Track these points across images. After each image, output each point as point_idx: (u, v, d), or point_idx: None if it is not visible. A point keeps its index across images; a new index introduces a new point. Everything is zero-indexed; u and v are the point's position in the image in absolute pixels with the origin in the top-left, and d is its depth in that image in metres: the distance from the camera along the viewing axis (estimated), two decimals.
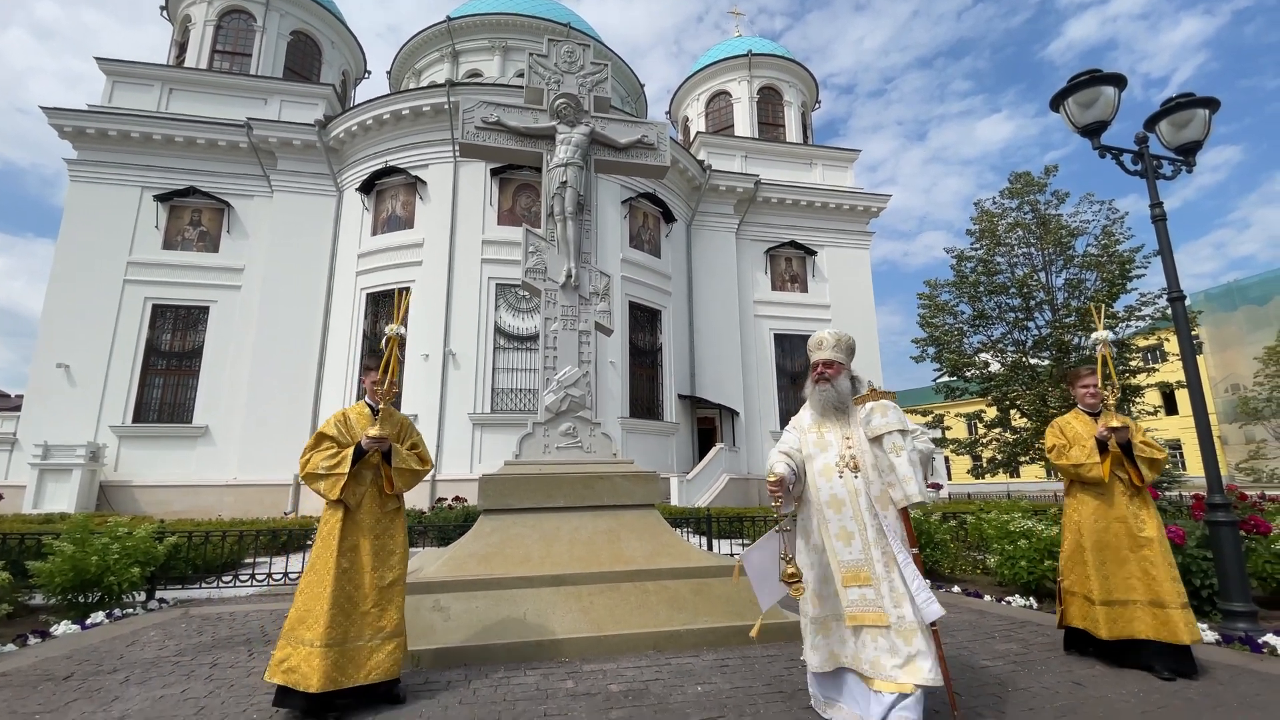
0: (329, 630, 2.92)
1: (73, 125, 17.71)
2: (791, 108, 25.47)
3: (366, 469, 3.25)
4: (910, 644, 2.58)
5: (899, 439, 2.77)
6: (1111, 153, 5.29)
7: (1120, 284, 15.64)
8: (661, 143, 6.07)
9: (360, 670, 2.97)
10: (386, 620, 3.11)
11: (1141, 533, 3.62)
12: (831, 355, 3.10)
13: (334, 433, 3.28)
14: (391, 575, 3.20)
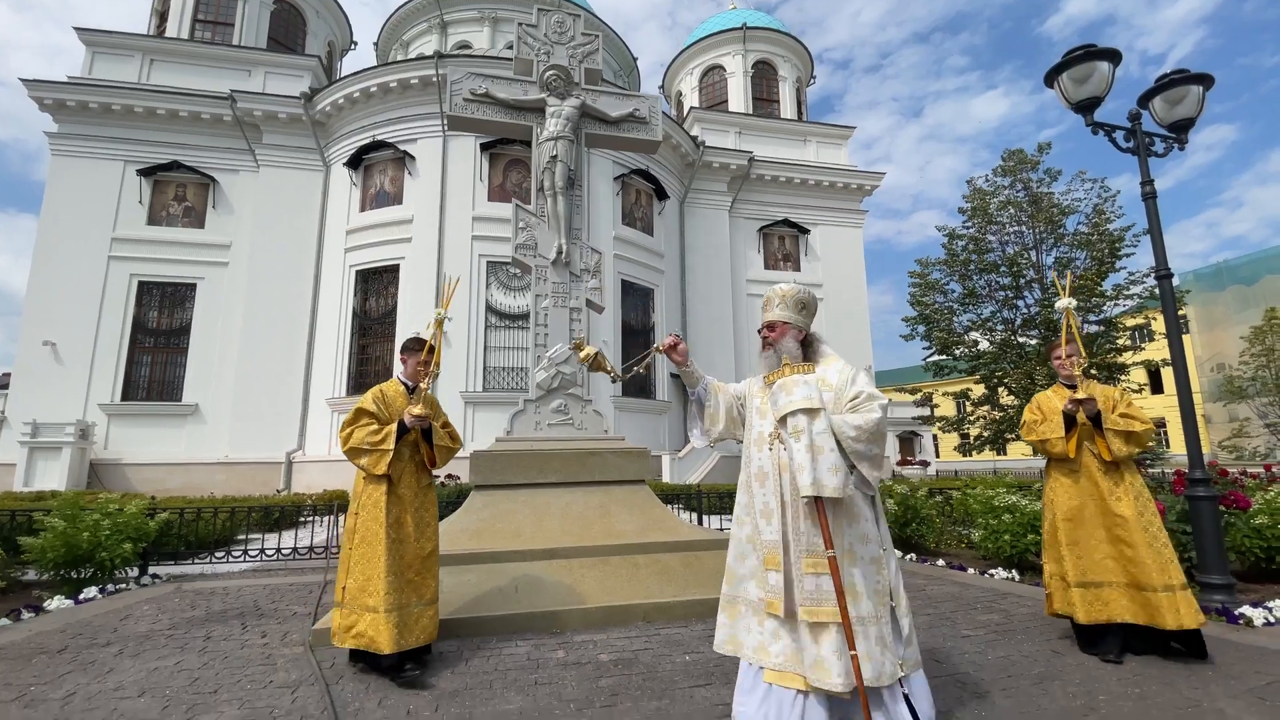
0: (388, 597, 3.11)
1: (53, 98, 17.26)
2: (786, 83, 25.17)
3: (405, 446, 3.39)
4: (817, 643, 2.25)
5: (801, 420, 2.35)
6: (1104, 129, 5.27)
7: (1109, 263, 15.71)
8: (653, 116, 6.00)
9: (413, 634, 3.17)
10: (426, 588, 3.31)
11: (1115, 510, 3.41)
12: (776, 315, 2.73)
13: (374, 409, 3.40)
14: (429, 546, 3.38)
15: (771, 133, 23.47)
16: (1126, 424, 3.46)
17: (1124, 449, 3.44)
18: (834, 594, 2.26)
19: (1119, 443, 3.45)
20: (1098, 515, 3.50)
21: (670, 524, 4.89)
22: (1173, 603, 3.22)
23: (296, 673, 3.25)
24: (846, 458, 2.36)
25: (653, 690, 2.97)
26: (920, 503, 7.41)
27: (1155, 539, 3.35)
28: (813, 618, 2.27)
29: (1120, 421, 3.47)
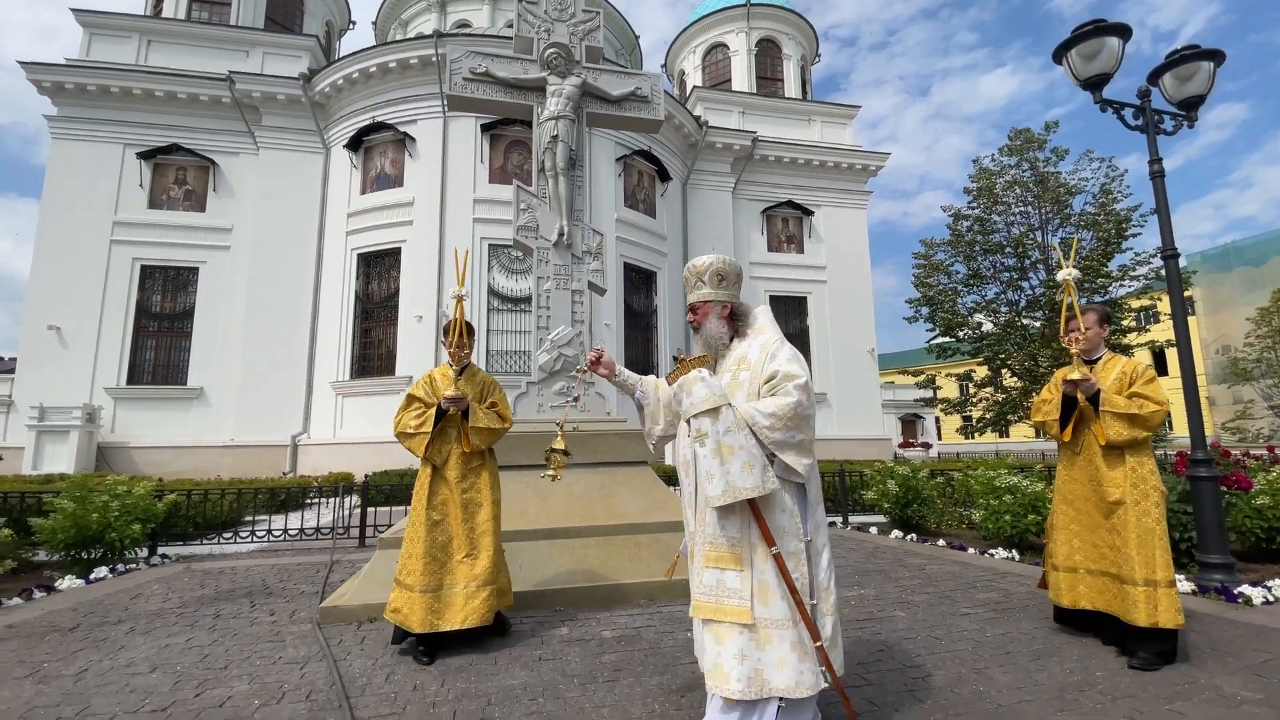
0: (423, 578, 3.20)
1: (51, 80, 17.12)
2: (790, 61, 24.81)
3: (451, 427, 3.41)
4: (720, 644, 2.07)
5: (704, 423, 2.10)
6: (1113, 107, 5.20)
7: (1115, 244, 15.59)
8: (655, 95, 5.93)
9: (457, 615, 3.19)
10: (479, 568, 3.30)
11: (1109, 498, 3.19)
12: (695, 295, 2.50)
13: (421, 394, 3.46)
14: (480, 527, 3.38)
15: (775, 112, 23.19)
16: (1134, 405, 3.15)
17: (1124, 433, 3.15)
18: (740, 591, 2.06)
19: (1118, 426, 3.16)
20: (1092, 500, 3.29)
21: (672, 504, 4.92)
22: (1151, 598, 2.97)
23: (305, 649, 3.30)
24: (766, 448, 2.12)
25: (655, 666, 3.02)
26: (921, 484, 7.44)
27: (1149, 531, 3.08)
28: (705, 615, 2.10)
29: (1123, 403, 3.17)
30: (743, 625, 2.03)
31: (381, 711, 2.52)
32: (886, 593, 4.48)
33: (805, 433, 2.16)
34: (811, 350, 21.90)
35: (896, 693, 2.69)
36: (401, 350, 15.82)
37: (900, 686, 2.75)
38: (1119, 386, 3.27)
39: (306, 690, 2.74)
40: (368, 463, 12.81)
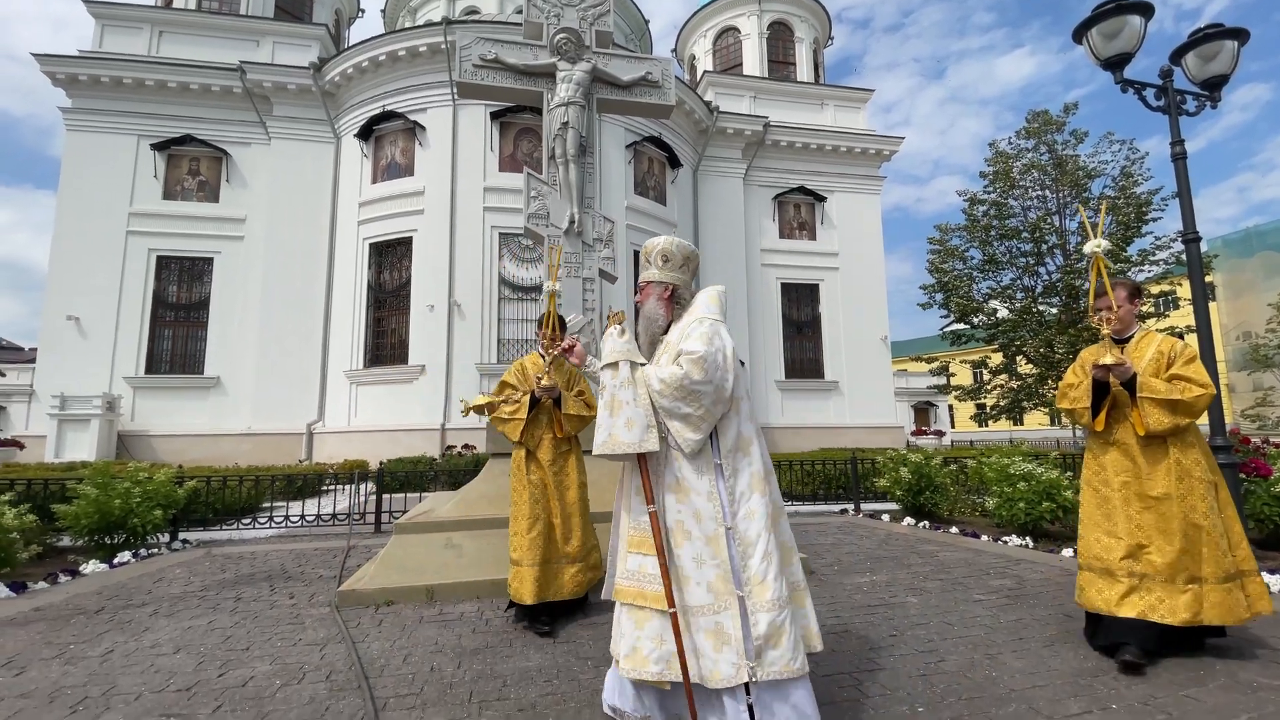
0: (529, 552, 3.42)
1: (65, 72, 17.26)
2: (803, 44, 24.47)
3: (543, 414, 3.64)
4: (639, 629, 2.09)
5: (606, 376, 2.21)
6: (1134, 87, 5.10)
7: (1135, 228, 15.34)
8: (666, 80, 5.88)
9: (563, 588, 3.46)
10: (571, 546, 3.55)
11: (1149, 492, 2.86)
12: (643, 276, 2.48)
13: (514, 381, 3.71)
14: (570, 507, 3.61)
15: (788, 96, 22.92)
16: (1176, 389, 2.81)
17: (1165, 420, 2.80)
18: (657, 576, 2.04)
19: (1158, 414, 2.81)
20: (1130, 493, 2.93)
21: None
22: (1232, 592, 2.78)
23: (324, 631, 3.36)
24: (657, 414, 2.14)
25: None
26: (934, 471, 7.41)
27: (1195, 528, 2.80)
28: (627, 599, 2.11)
29: (1163, 388, 2.83)
30: (661, 611, 2.03)
31: (400, 692, 2.57)
32: (898, 579, 4.48)
33: (692, 407, 2.10)
34: (823, 338, 21.78)
35: (909, 677, 2.70)
36: (414, 339, 15.92)
37: (913, 671, 2.76)
38: (1156, 368, 2.92)
39: (326, 671, 2.79)
40: (382, 450, 12.95)
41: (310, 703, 2.47)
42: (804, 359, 21.78)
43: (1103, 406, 3.01)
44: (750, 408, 2.28)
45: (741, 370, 2.23)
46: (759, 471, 2.17)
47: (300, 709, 2.42)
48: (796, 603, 2.15)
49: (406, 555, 4.06)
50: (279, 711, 2.40)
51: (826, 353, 21.71)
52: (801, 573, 2.24)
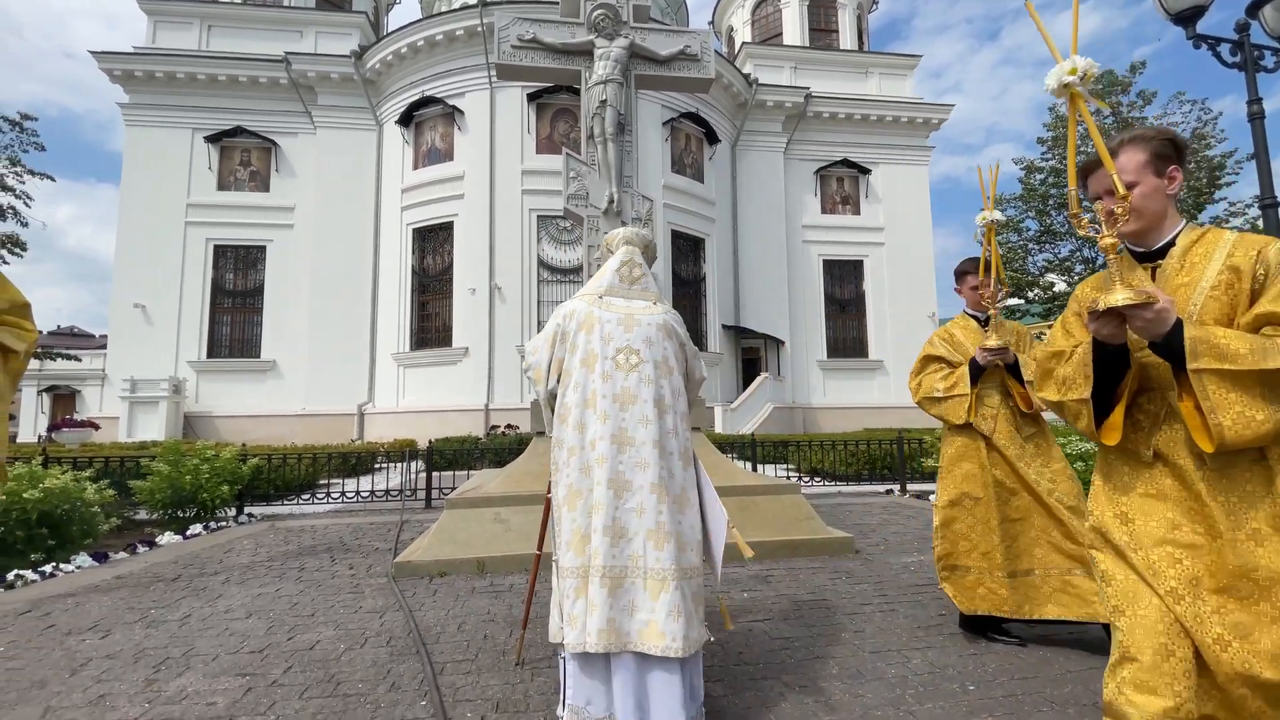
0: (983, 559, 2.82)
1: (121, 68, 18.01)
2: (846, 10, 23.59)
3: (993, 388, 2.85)
4: None
5: None
6: (1207, 43, 4.76)
7: (1208, 193, 14.40)
8: (705, 53, 5.77)
9: (1041, 606, 2.74)
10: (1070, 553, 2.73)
11: (1245, 569, 1.27)
12: None
13: (942, 351, 3.01)
14: (1052, 512, 2.75)
15: (830, 66, 22.20)
16: (1272, 348, 2.09)
17: (1259, 416, 1.60)
18: None
19: (1240, 402, 1.55)
20: (1194, 579, 1.74)
21: (725, 469, 4.95)
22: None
23: (382, 600, 3.52)
24: None
25: (712, 622, 3.07)
26: None
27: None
28: None
29: (1243, 346, 1.72)
30: None
31: (455, 657, 2.68)
32: None
33: (536, 391, 2.33)
34: (868, 315, 21.29)
35: (959, 655, 2.67)
36: (457, 322, 16.25)
37: (963, 650, 2.73)
38: (1228, 306, 1.41)
39: (386, 637, 2.93)
40: (429, 430, 13.34)
41: (373, 665, 2.60)
42: (847, 338, 21.36)
43: (1118, 398, 1.47)
44: (584, 378, 2.16)
45: (577, 341, 2.20)
46: (566, 449, 2.13)
47: (364, 670, 2.55)
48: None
49: (457, 529, 4.20)
50: (345, 672, 2.53)
51: (871, 331, 21.24)
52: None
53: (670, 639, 1.89)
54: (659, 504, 2.02)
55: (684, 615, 1.93)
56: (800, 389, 20.31)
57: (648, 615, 1.93)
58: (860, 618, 3.17)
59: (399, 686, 2.41)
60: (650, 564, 1.98)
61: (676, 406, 2.19)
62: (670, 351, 2.25)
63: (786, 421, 18.65)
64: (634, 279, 2.34)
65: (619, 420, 2.09)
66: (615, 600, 1.94)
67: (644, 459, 2.06)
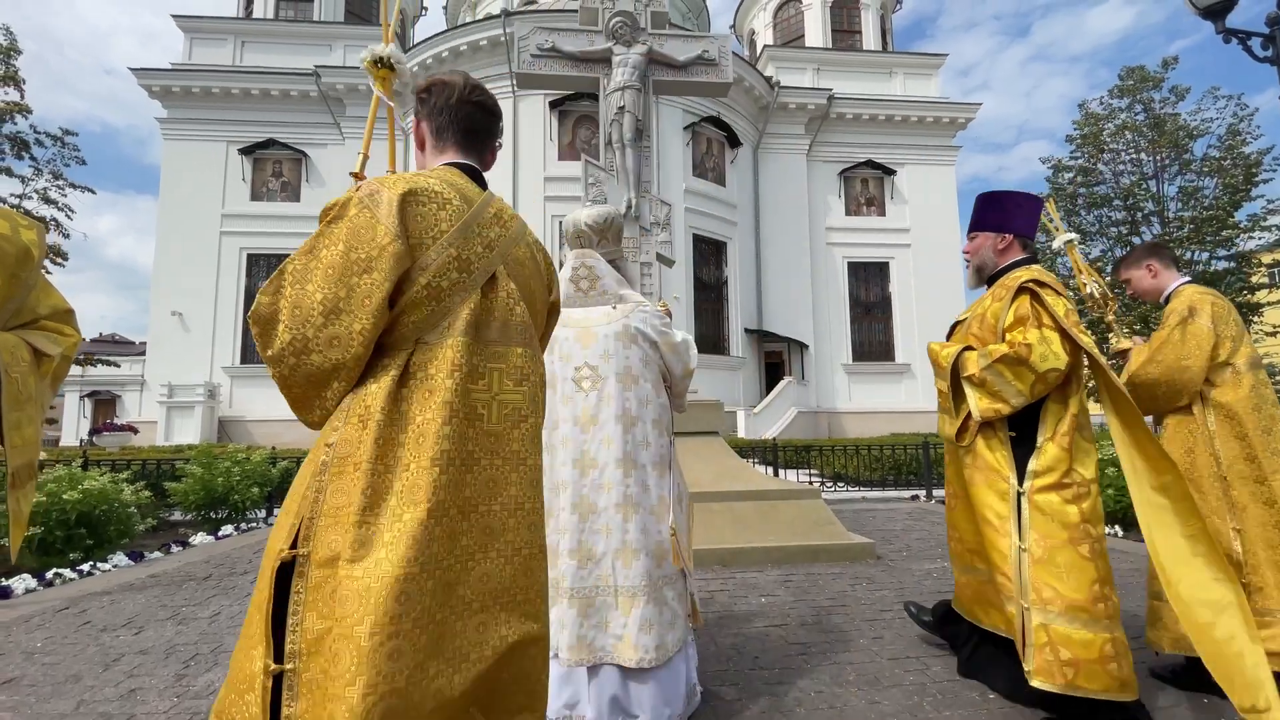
0: None
1: (159, 84, 18.68)
2: (869, 11, 23.38)
3: None
4: None
5: None
6: (1238, 37, 4.62)
7: (1244, 190, 13.89)
8: (723, 57, 5.77)
9: None
10: None
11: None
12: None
13: None
14: None
15: (853, 67, 22.01)
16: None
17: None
18: None
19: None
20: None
21: (744, 474, 4.92)
22: None
23: None
24: None
25: (728, 627, 3.07)
26: None
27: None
28: None
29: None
30: None
31: None
32: None
33: None
34: (894, 318, 21.00)
35: None
36: None
37: None
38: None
39: None
40: None
41: None
42: (873, 341, 21.08)
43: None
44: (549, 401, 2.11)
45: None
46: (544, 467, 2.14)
47: None
48: None
49: None
50: None
51: (898, 334, 20.93)
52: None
53: (643, 652, 1.92)
54: (625, 523, 2.01)
55: (657, 626, 1.95)
56: (825, 393, 20.09)
57: (620, 630, 1.95)
58: (880, 624, 3.12)
59: None
60: (620, 582, 1.99)
61: (645, 415, 2.11)
62: (635, 358, 2.13)
63: (811, 426, 18.46)
64: (590, 285, 2.20)
65: (580, 444, 2.08)
66: (586, 619, 1.97)
67: (607, 480, 2.04)
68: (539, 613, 1.18)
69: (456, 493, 1.06)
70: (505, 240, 1.25)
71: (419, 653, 0.99)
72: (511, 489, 1.15)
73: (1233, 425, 2.31)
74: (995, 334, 2.23)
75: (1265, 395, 2.33)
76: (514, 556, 1.14)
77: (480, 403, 1.13)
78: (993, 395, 2.16)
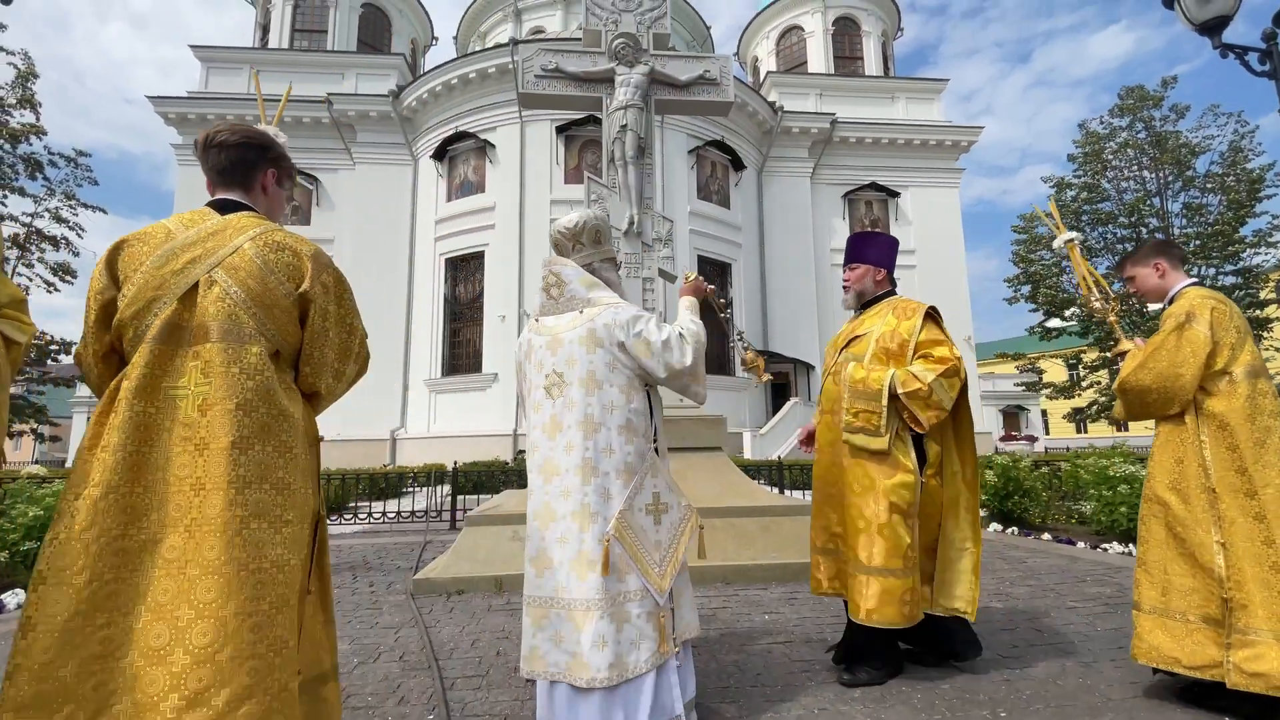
0: None
1: (175, 111, 19.14)
2: (870, 38, 23.76)
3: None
4: None
5: None
6: (1234, 51, 4.65)
7: (1248, 206, 13.86)
8: (724, 77, 5.85)
9: None
10: None
11: None
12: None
13: None
14: None
15: (855, 92, 22.29)
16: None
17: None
18: None
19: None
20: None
21: (747, 489, 4.86)
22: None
23: (399, 616, 3.52)
24: None
25: (730, 644, 2.99)
26: (1024, 474, 6.94)
27: None
28: None
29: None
30: None
31: (467, 673, 2.65)
32: (982, 584, 4.21)
33: None
34: None
35: (991, 682, 2.53)
36: (487, 349, 16.50)
37: (996, 676, 2.59)
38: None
39: (400, 652, 2.92)
40: (460, 455, 13.43)
41: (384, 680, 2.59)
42: None
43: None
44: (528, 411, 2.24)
45: (526, 371, 2.25)
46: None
47: (375, 684, 2.54)
48: None
49: (477, 546, 4.19)
50: (354, 685, 2.53)
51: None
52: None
53: (595, 670, 1.83)
54: (581, 532, 1.95)
55: (612, 645, 1.86)
56: None
57: (574, 647, 1.87)
58: None
59: (408, 700, 2.40)
60: (574, 594, 1.92)
61: (610, 421, 2.05)
62: (598, 362, 2.08)
63: None
64: (559, 292, 2.20)
65: (547, 450, 2.08)
66: (540, 630, 1.93)
67: (567, 487, 2.00)
68: None
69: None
70: (211, 253, 1.48)
71: None
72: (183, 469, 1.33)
73: (1225, 435, 2.23)
74: (906, 348, 2.58)
75: (1262, 405, 2.23)
76: (182, 520, 1.30)
77: (178, 395, 1.35)
78: (936, 406, 2.49)
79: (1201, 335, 2.27)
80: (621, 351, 2.11)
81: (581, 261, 2.28)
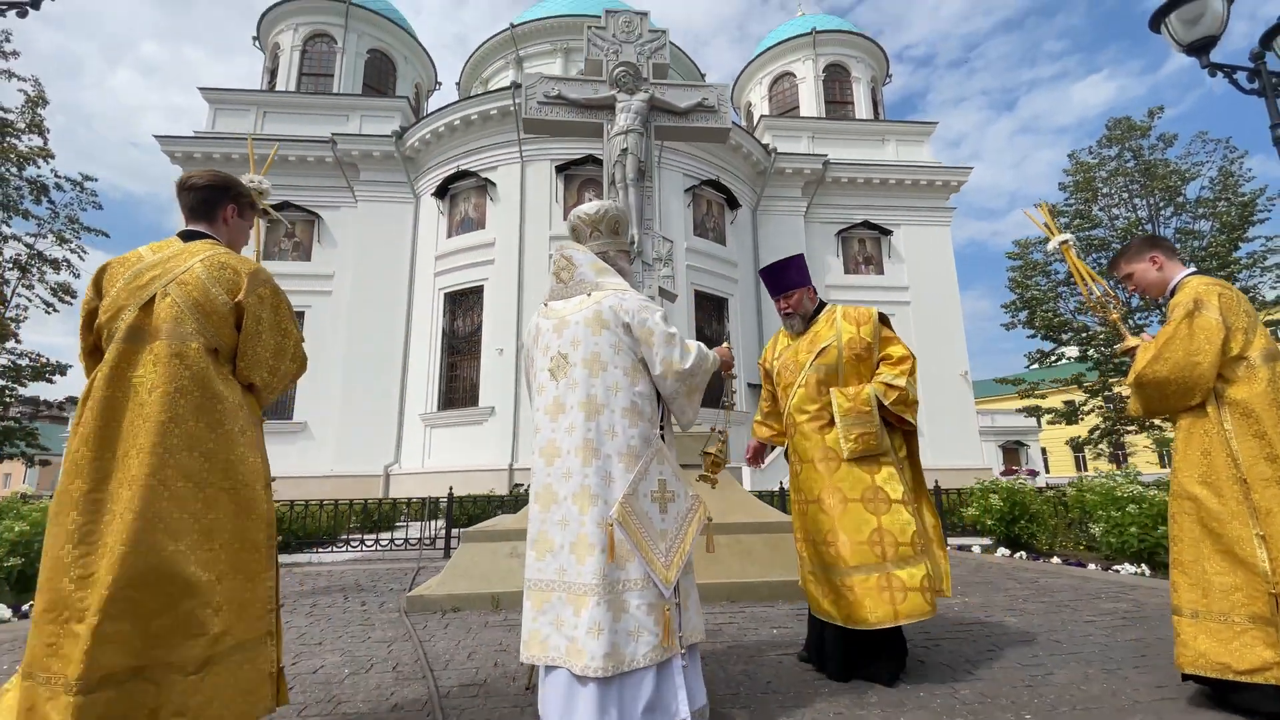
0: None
1: (181, 151, 19.46)
2: (860, 84, 24.55)
3: None
4: None
5: None
6: (1223, 70, 4.79)
7: (1240, 230, 14.09)
8: (721, 104, 6.00)
9: None
10: None
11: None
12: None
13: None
14: None
15: (846, 135, 22.88)
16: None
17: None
18: None
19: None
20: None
21: (751, 506, 4.76)
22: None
23: (392, 631, 3.38)
24: None
25: (738, 656, 2.87)
26: (1030, 499, 6.85)
27: None
28: None
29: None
30: None
31: (463, 681, 2.53)
32: (994, 601, 4.10)
33: None
34: None
35: (1013, 687, 2.42)
36: (484, 382, 16.42)
37: (1017, 682, 2.48)
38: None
39: (393, 663, 2.79)
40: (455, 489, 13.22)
41: (377, 689, 2.46)
42: None
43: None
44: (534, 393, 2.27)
45: (533, 355, 2.25)
46: None
47: (367, 693, 2.42)
48: None
49: (473, 563, 4.07)
50: (346, 694, 2.40)
51: None
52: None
53: (589, 658, 1.75)
54: (581, 515, 1.90)
55: (608, 633, 1.78)
56: None
57: (571, 631, 1.81)
58: None
59: (402, 709, 2.28)
60: (572, 578, 1.86)
61: (614, 403, 2.01)
62: (604, 344, 2.05)
63: None
64: (569, 275, 2.19)
65: (550, 432, 2.06)
66: (541, 614, 1.88)
67: (569, 468, 1.96)
68: None
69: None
70: (169, 272, 1.80)
71: None
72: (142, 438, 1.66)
73: (1250, 423, 2.16)
74: (872, 350, 2.78)
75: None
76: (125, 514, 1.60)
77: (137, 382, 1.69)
78: (913, 401, 2.73)
79: (1214, 321, 2.23)
80: (627, 334, 2.08)
81: (596, 249, 2.29)
